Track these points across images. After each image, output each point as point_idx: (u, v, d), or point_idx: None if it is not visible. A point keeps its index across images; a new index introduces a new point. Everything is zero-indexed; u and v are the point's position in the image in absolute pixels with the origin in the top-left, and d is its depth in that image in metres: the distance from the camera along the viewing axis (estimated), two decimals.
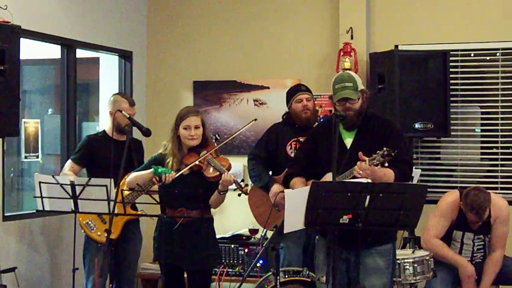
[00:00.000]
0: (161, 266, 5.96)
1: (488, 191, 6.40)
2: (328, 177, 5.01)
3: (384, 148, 4.76)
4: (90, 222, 6.20)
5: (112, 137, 6.19)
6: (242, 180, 5.67)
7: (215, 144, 5.92)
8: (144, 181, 5.73)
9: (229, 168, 5.72)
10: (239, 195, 5.65)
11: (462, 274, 6.35)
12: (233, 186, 5.68)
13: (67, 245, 7.06)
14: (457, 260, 6.40)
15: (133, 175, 5.84)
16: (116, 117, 6.18)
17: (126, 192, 5.89)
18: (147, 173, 5.73)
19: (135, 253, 6.55)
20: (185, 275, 5.92)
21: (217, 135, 6.23)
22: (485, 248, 6.51)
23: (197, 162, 5.70)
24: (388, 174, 4.87)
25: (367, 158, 4.81)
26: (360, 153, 4.83)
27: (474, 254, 6.49)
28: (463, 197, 6.30)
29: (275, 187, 6.25)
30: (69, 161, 6.42)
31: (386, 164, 4.79)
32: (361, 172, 4.81)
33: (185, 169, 5.69)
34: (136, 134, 6.20)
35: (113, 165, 6.11)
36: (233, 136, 6.16)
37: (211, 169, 5.70)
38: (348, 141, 5.13)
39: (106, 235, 6.06)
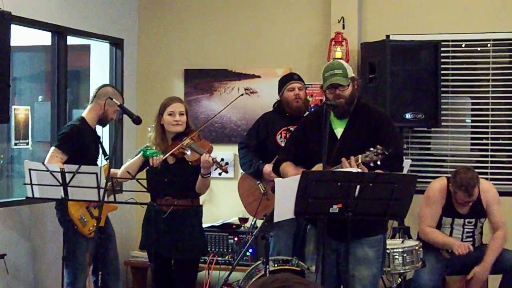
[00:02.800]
0: (149, 254, 5.98)
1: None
2: (317, 169, 5.02)
3: (378, 146, 4.76)
4: (83, 217, 6.10)
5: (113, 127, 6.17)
6: (222, 160, 5.67)
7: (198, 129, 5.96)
8: (136, 167, 5.78)
9: (209, 151, 5.74)
10: (220, 174, 5.65)
11: (458, 250, 6.33)
12: (215, 168, 5.69)
13: (56, 232, 7.04)
14: (450, 241, 6.41)
15: (125, 165, 5.90)
16: (107, 110, 6.18)
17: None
18: (137, 158, 5.80)
19: (115, 242, 6.54)
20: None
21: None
22: (475, 237, 6.54)
23: (181, 149, 5.73)
24: None
25: (360, 155, 4.81)
26: (344, 158, 4.84)
27: (463, 241, 6.51)
28: (452, 176, 6.36)
29: (267, 166, 6.27)
30: (56, 150, 6.14)
31: (379, 162, 4.80)
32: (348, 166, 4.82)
33: (169, 155, 5.71)
34: (127, 121, 6.20)
35: (94, 154, 6.14)
36: (220, 111, 6.19)
37: (193, 153, 5.71)
38: (339, 130, 5.13)
39: (95, 230, 6.09)
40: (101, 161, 6.24)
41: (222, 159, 5.68)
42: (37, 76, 8.71)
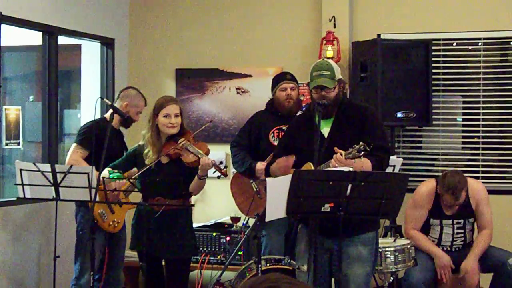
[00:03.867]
0: (139, 254, 5.97)
1: (465, 175, 6.47)
2: (306, 167, 5.02)
3: (360, 143, 4.76)
4: (103, 212, 6.11)
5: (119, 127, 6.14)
6: (221, 163, 5.67)
7: (191, 132, 5.95)
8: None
9: (207, 153, 5.72)
10: (219, 177, 5.64)
11: (438, 265, 6.42)
12: (213, 170, 5.67)
13: (48, 233, 7.04)
14: (433, 251, 6.47)
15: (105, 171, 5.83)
16: (129, 112, 6.21)
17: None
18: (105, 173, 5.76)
19: (123, 248, 6.56)
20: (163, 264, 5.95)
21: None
22: (465, 233, 6.56)
23: (177, 150, 5.71)
24: (365, 165, 4.87)
25: (343, 152, 4.81)
26: (335, 148, 4.84)
27: (454, 238, 6.54)
28: (440, 179, 6.39)
29: (259, 164, 6.27)
30: (77, 146, 6.24)
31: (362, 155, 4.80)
32: (336, 165, 4.82)
33: (163, 156, 5.69)
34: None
35: (117, 154, 6.14)
36: (203, 127, 6.22)
37: (190, 155, 5.69)
38: (326, 130, 5.13)
39: (115, 225, 6.13)
40: None
41: (221, 162, 5.68)
42: (28, 76, 8.69)
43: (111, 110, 6.26)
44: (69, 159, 6.21)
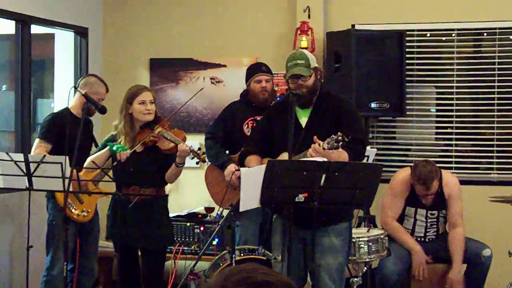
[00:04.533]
0: (115, 244, 5.95)
1: (440, 169, 6.48)
2: (283, 157, 5.02)
3: (338, 133, 4.77)
4: (70, 202, 6.06)
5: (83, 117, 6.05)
6: (199, 149, 5.64)
7: (165, 119, 5.93)
8: (103, 160, 5.70)
9: (184, 139, 5.69)
10: (197, 163, 5.64)
11: (415, 260, 6.44)
12: (191, 157, 5.64)
13: (21, 222, 6.99)
14: (411, 245, 6.48)
15: (90, 158, 5.80)
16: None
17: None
18: (104, 151, 5.71)
19: (96, 238, 6.52)
20: (139, 254, 5.93)
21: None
22: (438, 225, 6.60)
23: (153, 138, 5.68)
24: (342, 157, 4.89)
25: (321, 142, 4.82)
26: (315, 137, 4.85)
27: (427, 230, 6.58)
28: (412, 169, 6.42)
29: (231, 166, 6.26)
30: (39, 140, 6.19)
31: (340, 149, 4.82)
32: (314, 154, 4.82)
33: (138, 145, 5.66)
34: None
35: (85, 144, 6.09)
36: (181, 107, 6.15)
37: (167, 142, 5.66)
38: (304, 120, 5.15)
39: (85, 214, 6.09)
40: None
41: (199, 148, 5.65)
42: (0, 65, 8.62)
43: (74, 100, 6.23)
44: (33, 154, 6.12)
